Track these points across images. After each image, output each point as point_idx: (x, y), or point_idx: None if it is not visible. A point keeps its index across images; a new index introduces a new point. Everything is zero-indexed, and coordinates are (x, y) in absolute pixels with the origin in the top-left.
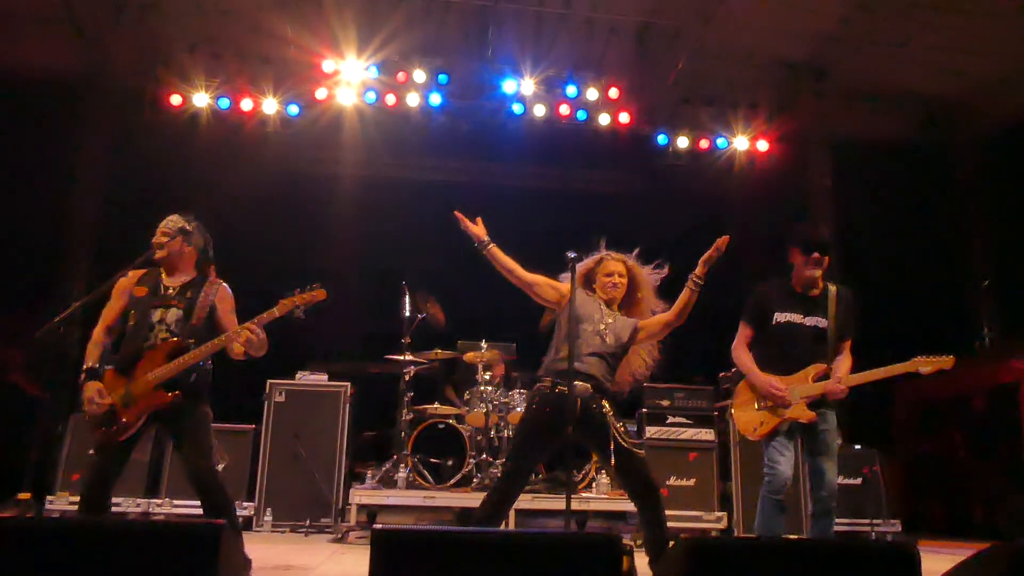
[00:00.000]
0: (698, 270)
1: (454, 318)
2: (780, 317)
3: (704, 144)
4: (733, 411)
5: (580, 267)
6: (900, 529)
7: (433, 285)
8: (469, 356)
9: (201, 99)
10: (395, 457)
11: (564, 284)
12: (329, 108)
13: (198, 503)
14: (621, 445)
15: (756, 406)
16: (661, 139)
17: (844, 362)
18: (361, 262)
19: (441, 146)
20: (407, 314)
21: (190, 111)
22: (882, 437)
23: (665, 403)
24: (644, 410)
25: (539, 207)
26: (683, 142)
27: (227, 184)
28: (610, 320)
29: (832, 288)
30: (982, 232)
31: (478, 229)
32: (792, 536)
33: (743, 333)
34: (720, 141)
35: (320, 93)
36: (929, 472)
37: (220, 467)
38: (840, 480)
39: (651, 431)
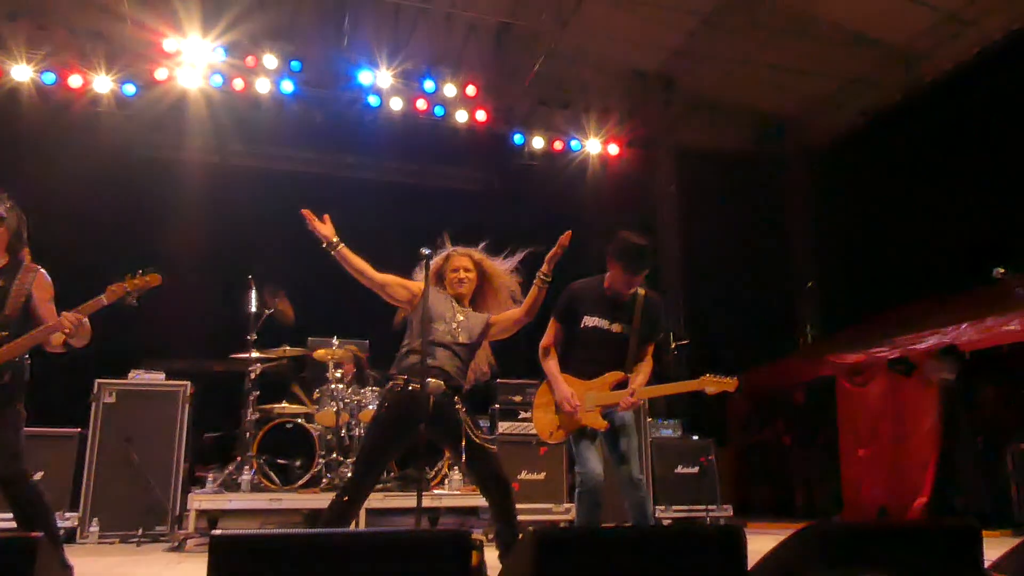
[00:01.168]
0: (544, 268)
1: (304, 314)
2: (588, 321)
3: (558, 145)
4: (533, 412)
5: (431, 264)
6: (732, 514)
7: (282, 279)
8: (319, 353)
9: (22, 72)
10: (239, 459)
11: (415, 283)
12: (171, 90)
13: (10, 515)
14: (473, 442)
15: (555, 410)
16: (517, 139)
17: (643, 369)
18: (205, 253)
19: (294, 135)
20: (253, 309)
21: (8, 84)
22: (717, 428)
23: (517, 399)
24: (497, 406)
25: (395, 202)
26: (538, 142)
27: (54, 164)
28: (462, 317)
29: (641, 292)
30: (808, 238)
31: (326, 229)
32: (630, 525)
33: (552, 330)
34: (574, 143)
35: (160, 73)
36: (758, 460)
37: (38, 475)
38: (679, 470)
39: (503, 426)
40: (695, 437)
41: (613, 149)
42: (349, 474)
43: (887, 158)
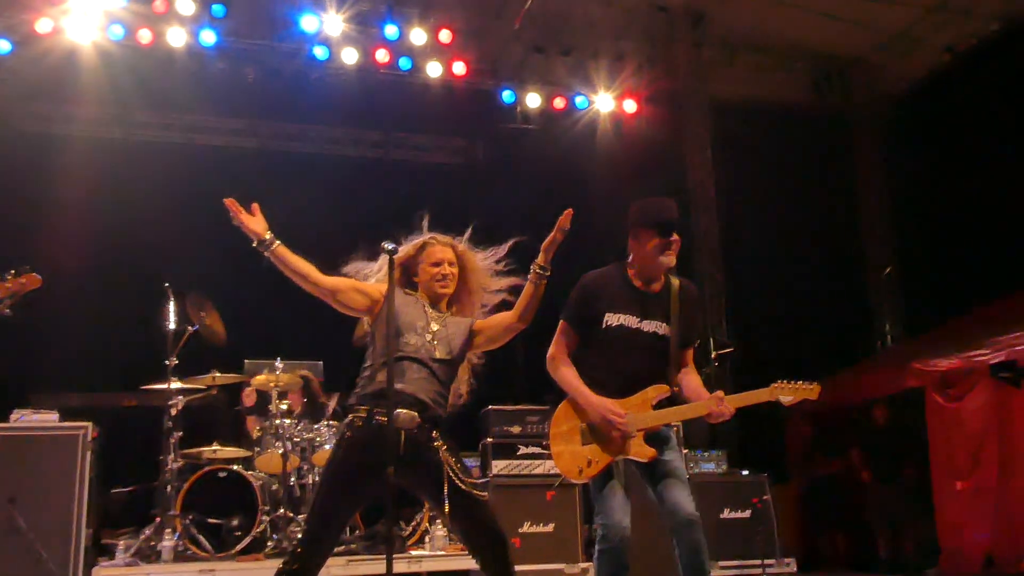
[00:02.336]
0: (540, 258)
1: (238, 330)
2: (612, 319)
3: (560, 103)
4: (551, 445)
5: (397, 259)
6: (795, 569)
7: (209, 286)
8: (260, 380)
9: None
10: (158, 520)
11: (375, 286)
12: (56, 45)
13: None
14: (458, 487)
15: (582, 439)
16: (506, 96)
17: (693, 378)
18: (106, 255)
19: (219, 101)
20: (172, 326)
21: None
22: (773, 460)
23: (514, 430)
24: (488, 440)
25: (351, 182)
26: (533, 100)
27: None
28: (437, 326)
29: (675, 282)
30: (883, 212)
31: (256, 223)
32: None
33: (564, 338)
34: (579, 100)
35: (43, 25)
36: (827, 499)
37: None
38: (726, 515)
39: (498, 466)
40: (745, 472)
41: (629, 106)
42: (300, 535)
43: (980, 106)
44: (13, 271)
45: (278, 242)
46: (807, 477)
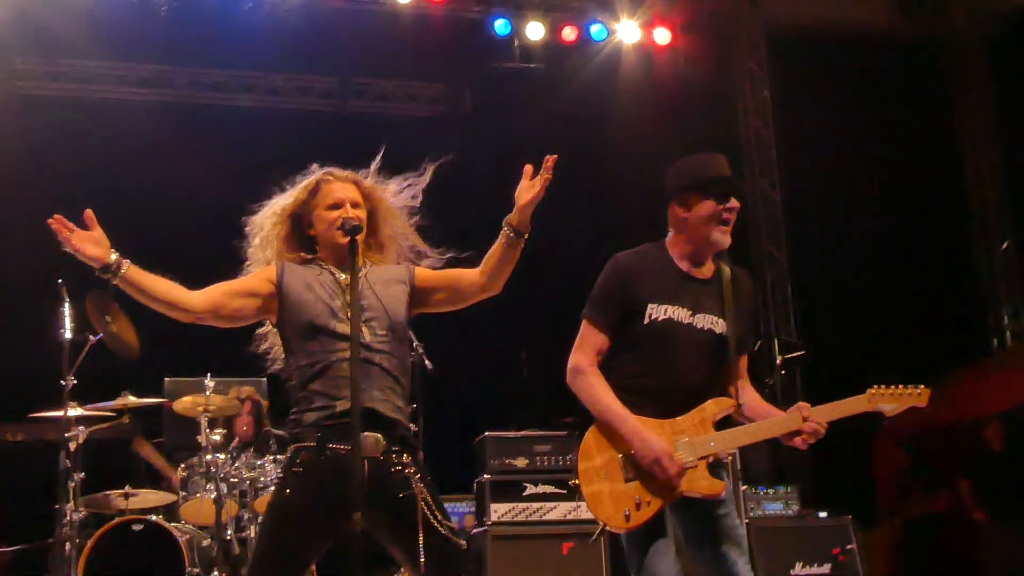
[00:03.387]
0: (513, 216)
1: (155, 338)
2: (657, 311)
3: (570, 34)
4: (583, 484)
5: (284, 205)
6: None
7: (114, 284)
8: (185, 403)
9: None
10: None
11: (258, 276)
12: None
13: None
14: (435, 530)
15: (624, 473)
16: (500, 27)
17: (752, 392)
18: None
19: (123, 43)
20: (69, 335)
21: None
22: (858, 497)
23: (519, 463)
24: (486, 477)
25: (296, 142)
26: (535, 31)
27: None
28: (368, 294)
29: (725, 269)
30: (994, 168)
31: (93, 244)
32: None
33: (591, 341)
34: (595, 29)
35: None
36: (930, 546)
37: None
38: (799, 570)
39: (499, 511)
40: (822, 515)
41: (661, 35)
42: None
43: None
44: None
45: (127, 263)
46: (903, 518)
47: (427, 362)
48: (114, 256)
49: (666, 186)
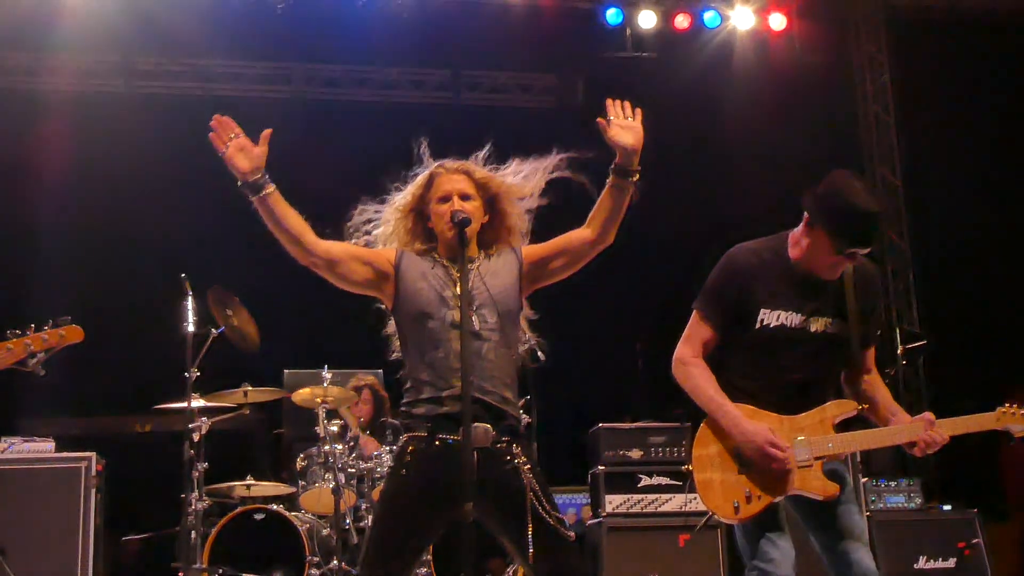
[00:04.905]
0: (619, 157)
1: (272, 331)
2: (769, 317)
3: (683, 22)
4: (695, 471)
5: (404, 201)
6: None
7: (236, 278)
8: (303, 395)
9: None
10: (180, 575)
11: (383, 252)
12: None
13: None
14: (544, 521)
15: (738, 464)
16: (612, 16)
17: (882, 390)
18: (105, 242)
19: (241, 40)
20: (192, 329)
21: None
22: (985, 490)
23: (634, 454)
24: (600, 468)
25: (410, 134)
26: (647, 20)
27: None
28: (478, 285)
29: (848, 266)
30: None
31: (245, 158)
32: None
33: (700, 335)
34: (709, 16)
35: None
36: None
37: None
38: (922, 564)
39: (613, 502)
40: (947, 508)
41: (776, 21)
42: None
43: None
44: (51, 321)
45: (272, 187)
46: None
47: (539, 354)
48: (260, 175)
49: (803, 200)
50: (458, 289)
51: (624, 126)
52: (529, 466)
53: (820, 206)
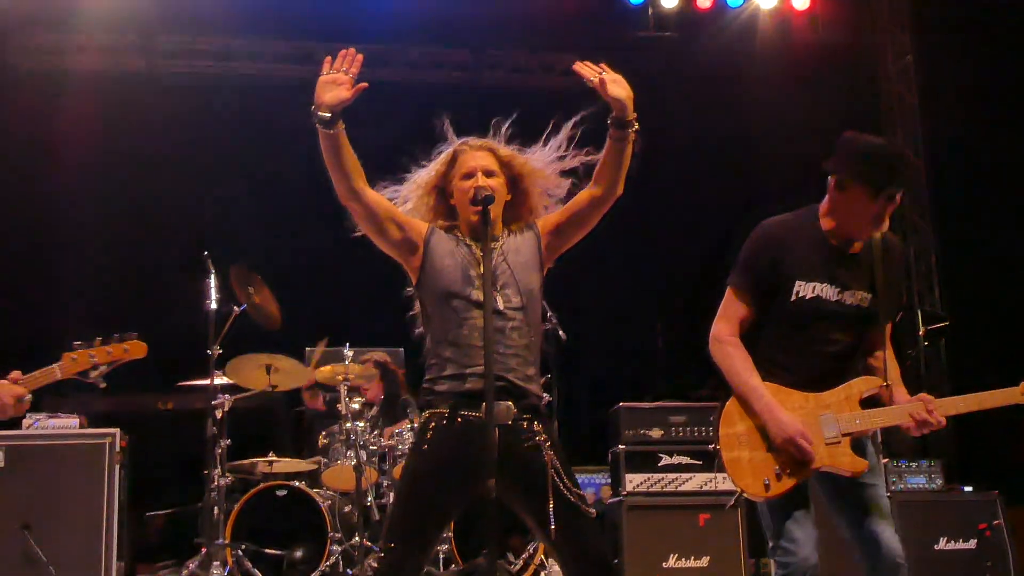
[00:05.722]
0: (615, 111)
1: (294, 309)
2: (805, 289)
3: (705, 1)
4: (723, 449)
5: (427, 178)
6: None
7: (257, 256)
8: (324, 372)
9: None
10: (204, 550)
11: (415, 220)
12: None
13: None
14: (565, 498)
15: (766, 442)
16: None
17: (893, 365)
18: (128, 221)
19: (261, 19)
20: (214, 307)
21: None
22: (1006, 471)
23: (654, 433)
24: (620, 448)
25: (431, 113)
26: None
27: None
28: (501, 263)
29: (876, 238)
30: None
31: (340, 95)
32: None
33: (735, 312)
34: None
35: None
36: None
37: None
38: (942, 545)
39: (634, 481)
40: (968, 489)
41: (799, 0)
42: (376, 565)
43: None
44: (117, 335)
45: (342, 124)
46: None
47: (561, 333)
48: (335, 116)
49: (831, 161)
50: (482, 268)
51: (612, 79)
52: (550, 443)
53: (847, 156)
